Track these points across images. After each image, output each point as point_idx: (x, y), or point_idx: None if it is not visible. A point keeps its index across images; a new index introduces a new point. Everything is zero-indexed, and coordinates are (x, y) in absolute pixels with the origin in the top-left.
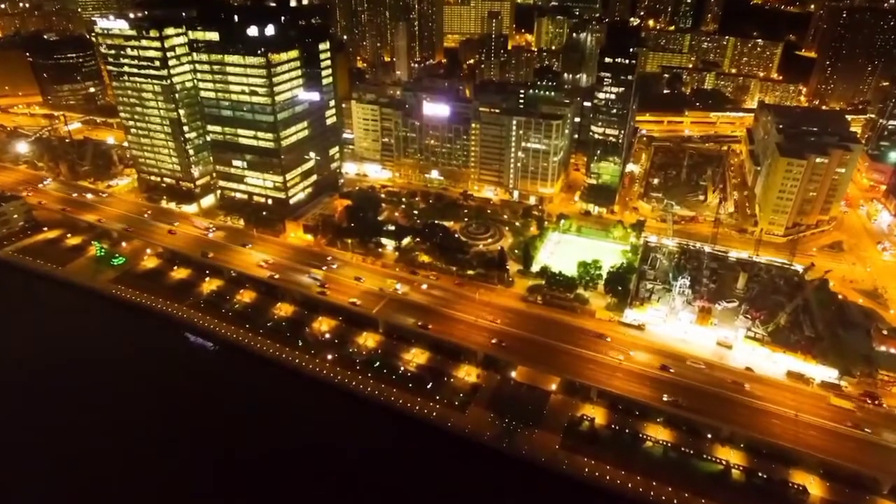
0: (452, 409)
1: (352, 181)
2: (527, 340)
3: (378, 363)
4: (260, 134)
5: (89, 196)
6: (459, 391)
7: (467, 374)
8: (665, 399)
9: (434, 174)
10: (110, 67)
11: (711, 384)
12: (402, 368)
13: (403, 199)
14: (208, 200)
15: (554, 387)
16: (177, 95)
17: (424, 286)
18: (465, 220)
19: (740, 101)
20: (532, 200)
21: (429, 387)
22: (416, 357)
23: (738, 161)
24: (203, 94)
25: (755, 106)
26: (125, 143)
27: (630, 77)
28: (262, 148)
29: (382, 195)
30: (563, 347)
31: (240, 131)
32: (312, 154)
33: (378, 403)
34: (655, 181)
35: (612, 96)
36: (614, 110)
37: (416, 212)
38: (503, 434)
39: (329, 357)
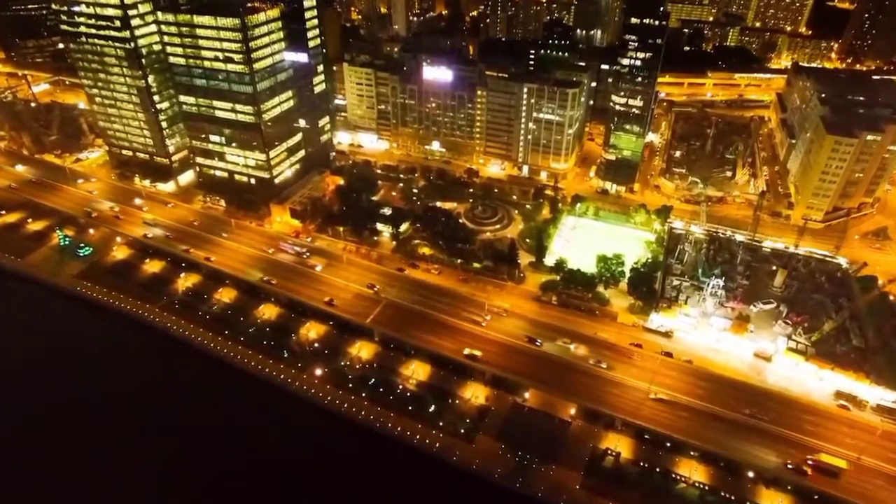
0: (458, 439)
1: (345, 153)
2: (543, 360)
3: (373, 380)
4: (238, 106)
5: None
6: (465, 416)
7: (474, 394)
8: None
9: (435, 145)
10: (64, 27)
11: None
12: (400, 386)
13: (401, 176)
14: (187, 177)
15: (573, 411)
16: (143, 61)
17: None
18: (471, 201)
19: (766, 59)
20: (543, 176)
21: (431, 409)
22: (415, 372)
23: (766, 130)
24: (172, 59)
25: (784, 66)
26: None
27: (659, 41)
28: (241, 122)
29: (378, 170)
30: (584, 368)
31: (215, 103)
32: (302, 122)
33: (373, 430)
34: (678, 154)
35: (638, 62)
36: (639, 78)
37: (415, 190)
38: (516, 470)
39: (318, 372)
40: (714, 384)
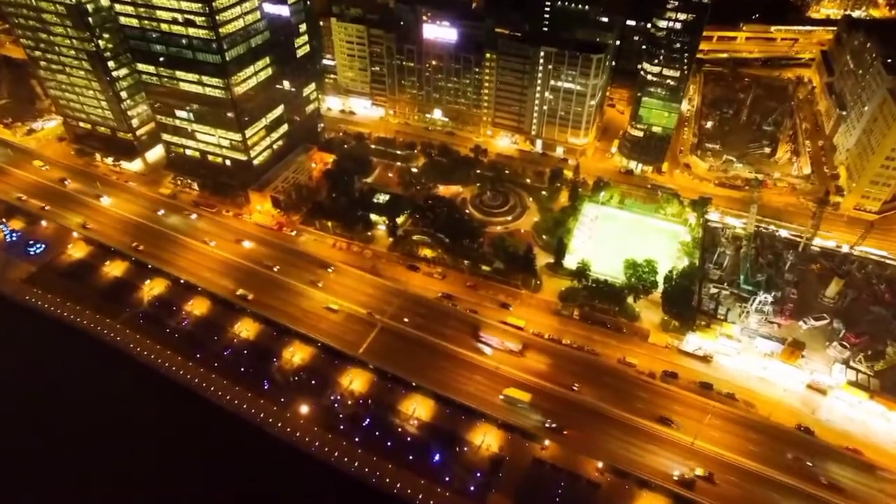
0: (468, 499)
1: (335, 122)
2: (565, 401)
3: (368, 420)
4: (205, 78)
5: None
6: (476, 467)
7: (485, 441)
8: None
9: (437, 114)
10: None
11: None
12: (399, 428)
13: (399, 153)
14: (156, 153)
15: (600, 464)
16: (90, 20)
17: None
18: (478, 185)
19: (806, 7)
20: (559, 152)
21: (436, 460)
22: (417, 410)
23: (806, 94)
24: (123, 20)
25: (827, 16)
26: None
27: (706, 0)
28: (210, 97)
29: (372, 145)
30: (613, 415)
31: (179, 73)
32: (286, 83)
33: (369, 485)
34: (709, 125)
35: (678, 25)
36: (677, 44)
37: (414, 170)
38: None
39: (303, 409)
40: (767, 436)
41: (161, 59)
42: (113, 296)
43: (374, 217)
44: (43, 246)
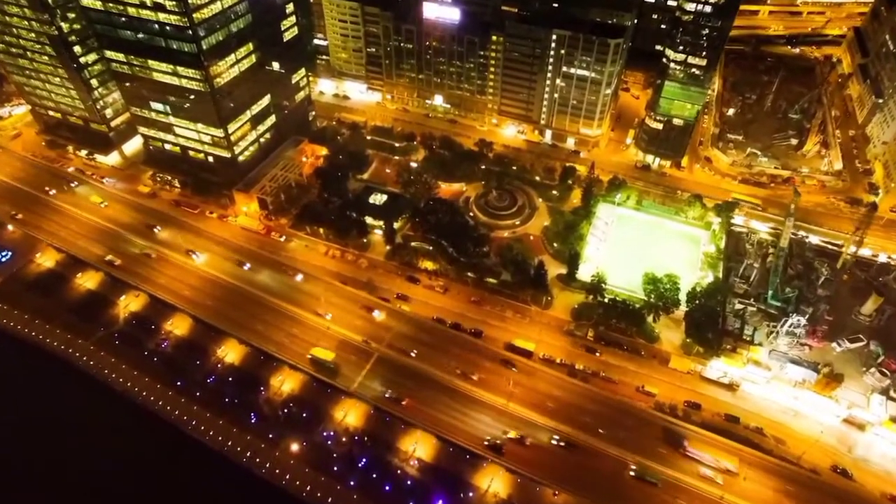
0: None
1: (328, 108)
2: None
3: (364, 461)
4: (181, 69)
5: None
6: None
7: (492, 486)
8: None
9: (438, 100)
10: None
11: None
12: (398, 470)
13: (396, 145)
14: (134, 145)
15: None
16: (50, 0)
17: None
18: (483, 182)
19: None
20: (570, 143)
21: None
22: (417, 447)
23: (836, 77)
24: (85, 2)
25: None
26: None
27: None
28: (187, 88)
29: (368, 136)
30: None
31: (151, 63)
32: (276, 65)
33: None
34: (731, 112)
35: (707, 8)
36: (706, 29)
37: (413, 164)
38: None
39: (294, 447)
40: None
41: (131, 46)
42: (86, 312)
43: (369, 221)
44: (9, 254)
